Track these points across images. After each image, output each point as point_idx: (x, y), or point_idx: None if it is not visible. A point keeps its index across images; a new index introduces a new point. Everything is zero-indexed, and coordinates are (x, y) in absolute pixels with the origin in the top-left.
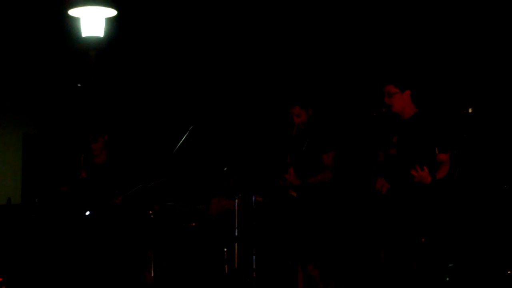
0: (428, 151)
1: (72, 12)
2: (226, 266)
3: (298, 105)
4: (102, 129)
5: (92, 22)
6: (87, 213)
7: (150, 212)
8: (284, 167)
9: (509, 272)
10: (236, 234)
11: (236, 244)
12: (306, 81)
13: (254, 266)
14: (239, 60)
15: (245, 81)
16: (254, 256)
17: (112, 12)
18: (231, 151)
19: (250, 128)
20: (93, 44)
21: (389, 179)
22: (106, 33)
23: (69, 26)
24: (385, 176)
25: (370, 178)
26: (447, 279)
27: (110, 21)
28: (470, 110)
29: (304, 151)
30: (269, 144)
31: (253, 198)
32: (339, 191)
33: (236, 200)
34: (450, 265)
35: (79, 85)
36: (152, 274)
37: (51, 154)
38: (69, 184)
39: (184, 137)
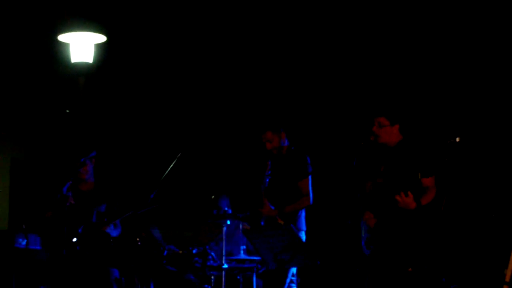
0: (412, 177)
1: (62, 37)
2: None
3: (270, 131)
4: (90, 154)
5: (82, 48)
6: (74, 239)
7: (137, 239)
8: (259, 199)
9: None
10: (224, 261)
11: (223, 272)
12: (279, 105)
13: None
14: (225, 85)
15: (230, 107)
16: (241, 285)
17: (101, 38)
18: (218, 179)
19: (233, 156)
20: (82, 70)
21: (376, 209)
22: (95, 58)
23: (59, 52)
24: (371, 208)
25: (357, 208)
26: None
27: (99, 47)
28: (457, 139)
29: (280, 179)
30: (246, 174)
31: (241, 226)
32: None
33: (224, 228)
34: None
35: (67, 110)
36: None
37: (39, 179)
38: (54, 210)
39: (172, 164)
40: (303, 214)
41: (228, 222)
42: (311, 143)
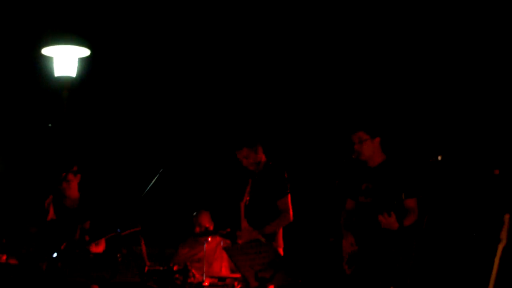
0: (396, 198)
1: (45, 51)
2: None
3: (246, 146)
4: (73, 169)
5: (65, 61)
6: (54, 255)
7: (118, 255)
8: (238, 218)
9: None
10: (204, 279)
11: None
12: (257, 120)
13: None
14: (206, 103)
15: (211, 124)
16: None
17: (85, 52)
18: (199, 196)
19: (214, 172)
20: (65, 84)
21: (358, 228)
22: (78, 73)
23: (42, 66)
24: (353, 228)
25: (339, 226)
26: None
27: (83, 61)
28: (439, 158)
29: (258, 198)
30: (226, 190)
31: (221, 243)
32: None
33: (205, 245)
34: None
35: (50, 124)
36: None
37: (21, 193)
38: (38, 225)
39: (154, 180)
40: (281, 230)
41: (209, 239)
42: (292, 160)
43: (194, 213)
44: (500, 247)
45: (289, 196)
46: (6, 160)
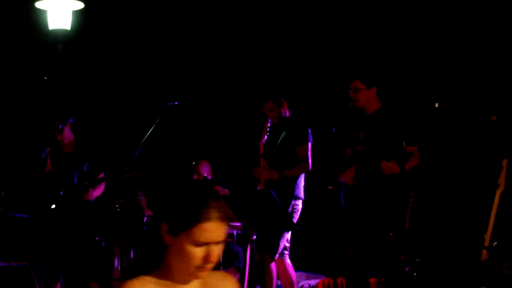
0: (395, 144)
1: (39, 4)
2: None
3: (270, 99)
4: (68, 121)
5: (59, 14)
6: (53, 206)
7: (117, 205)
8: (256, 161)
9: (474, 266)
10: None
11: None
12: (277, 75)
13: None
14: (211, 52)
15: (217, 74)
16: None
17: (79, 5)
18: (200, 145)
19: (222, 122)
20: (60, 37)
21: (357, 174)
22: (73, 25)
23: (36, 19)
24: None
25: (336, 173)
26: (415, 274)
27: (77, 14)
28: (436, 105)
29: (279, 145)
30: (241, 139)
31: (220, 192)
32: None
33: None
34: (417, 260)
35: (45, 77)
36: (119, 268)
37: (17, 147)
38: (38, 172)
39: (150, 130)
40: (302, 182)
41: None
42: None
43: (193, 163)
44: (498, 192)
45: (309, 146)
46: (4, 116)
